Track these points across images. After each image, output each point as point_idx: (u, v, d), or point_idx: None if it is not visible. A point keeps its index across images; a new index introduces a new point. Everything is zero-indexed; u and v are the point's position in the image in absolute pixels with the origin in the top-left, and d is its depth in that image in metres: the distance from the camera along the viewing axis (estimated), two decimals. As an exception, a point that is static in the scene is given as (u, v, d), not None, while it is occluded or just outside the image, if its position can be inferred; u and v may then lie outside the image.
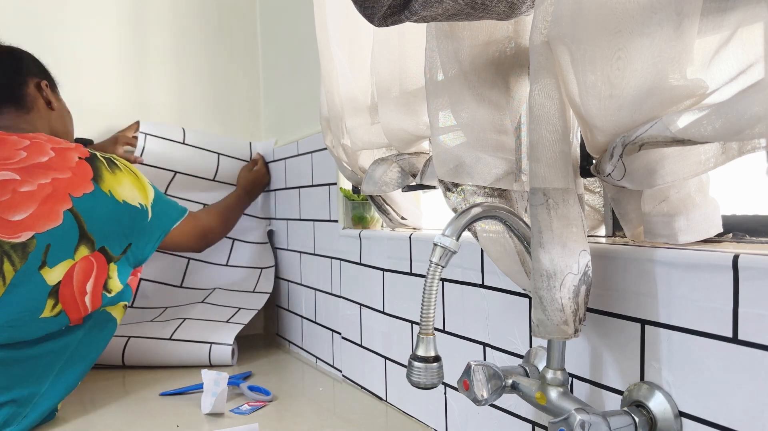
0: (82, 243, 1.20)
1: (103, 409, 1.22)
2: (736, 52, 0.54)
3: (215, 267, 1.74)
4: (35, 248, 1.15)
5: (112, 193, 1.26)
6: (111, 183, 1.27)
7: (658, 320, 0.63)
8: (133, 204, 1.28)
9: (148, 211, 1.32)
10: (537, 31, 0.61)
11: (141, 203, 1.30)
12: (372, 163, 1.10)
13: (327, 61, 1.16)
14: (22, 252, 1.14)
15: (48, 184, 1.20)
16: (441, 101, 0.80)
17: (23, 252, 1.14)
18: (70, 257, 1.18)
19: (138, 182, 1.33)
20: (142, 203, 1.31)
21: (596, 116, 0.59)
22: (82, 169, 1.25)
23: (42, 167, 1.22)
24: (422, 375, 0.64)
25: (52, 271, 1.15)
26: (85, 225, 1.21)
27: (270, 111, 1.86)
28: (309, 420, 1.12)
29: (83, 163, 1.26)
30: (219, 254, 1.75)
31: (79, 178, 1.23)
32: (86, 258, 1.21)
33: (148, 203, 1.32)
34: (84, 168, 1.26)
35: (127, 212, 1.27)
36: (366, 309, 1.23)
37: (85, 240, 1.20)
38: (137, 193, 1.31)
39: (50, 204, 1.18)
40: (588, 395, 0.72)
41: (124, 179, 1.30)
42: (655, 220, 0.64)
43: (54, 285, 1.16)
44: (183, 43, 1.83)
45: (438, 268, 0.63)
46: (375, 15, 0.65)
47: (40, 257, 1.15)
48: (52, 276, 1.15)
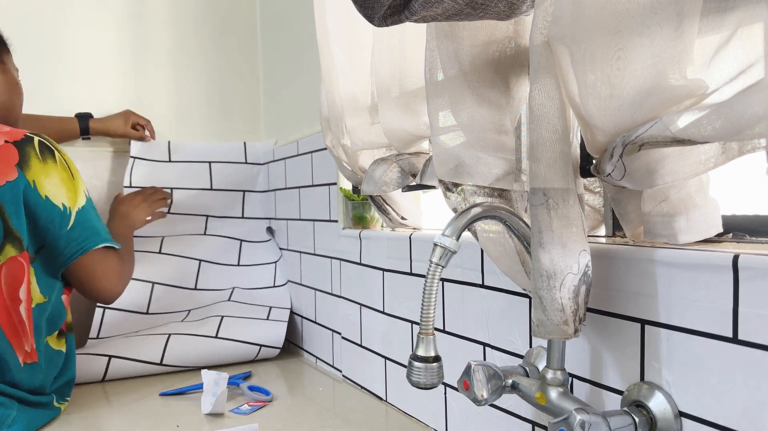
0: (8, 241, 1.05)
1: (103, 409, 1.22)
2: (736, 52, 0.54)
3: (227, 268, 1.74)
4: None
5: (36, 185, 1.09)
6: (37, 172, 1.10)
7: (658, 320, 0.63)
8: (55, 203, 1.11)
9: (70, 216, 1.13)
10: (537, 31, 0.61)
11: (65, 204, 1.13)
12: (372, 163, 1.10)
13: (327, 61, 1.16)
14: None
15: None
16: (441, 101, 0.80)
17: None
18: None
19: (70, 182, 1.15)
20: (66, 205, 1.13)
21: (596, 116, 0.59)
22: (5, 153, 1.09)
23: None
24: (422, 375, 0.64)
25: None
26: (8, 218, 1.06)
27: (270, 111, 1.86)
28: (309, 420, 1.12)
29: (9, 146, 1.10)
30: (229, 255, 1.75)
31: (2, 164, 1.08)
32: (14, 259, 1.06)
33: (73, 207, 1.14)
34: (8, 152, 1.10)
35: (46, 210, 1.10)
36: (366, 309, 1.23)
37: (11, 238, 1.06)
38: (64, 192, 1.13)
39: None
40: (588, 395, 0.72)
41: (53, 171, 1.12)
42: (655, 220, 0.64)
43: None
44: (183, 43, 1.83)
45: (438, 268, 0.63)
46: (375, 15, 0.65)
47: None
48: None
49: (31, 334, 1.11)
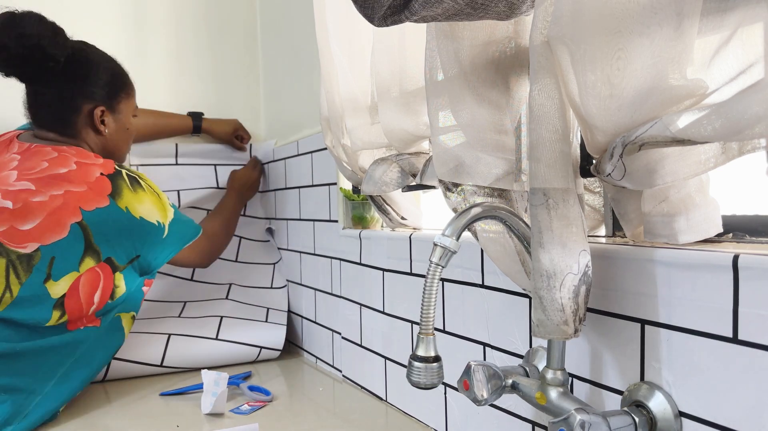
0: (87, 254, 1.20)
1: (103, 409, 1.22)
2: (736, 52, 0.54)
3: (225, 263, 1.75)
4: (39, 260, 1.15)
5: (129, 209, 1.25)
6: (130, 200, 1.26)
7: (658, 320, 0.63)
8: (150, 221, 1.28)
9: (164, 228, 1.31)
10: (537, 31, 0.61)
11: (159, 221, 1.30)
12: (372, 163, 1.10)
13: (327, 61, 1.16)
14: (27, 265, 1.14)
15: (59, 196, 1.19)
16: (441, 101, 0.80)
17: (28, 264, 1.14)
18: (75, 269, 1.18)
19: (159, 203, 1.32)
20: (160, 221, 1.31)
21: (596, 116, 0.59)
22: (99, 185, 1.24)
23: (58, 178, 1.22)
24: (422, 375, 0.64)
25: (56, 284, 1.16)
26: (92, 237, 1.20)
27: (270, 111, 1.86)
28: (309, 420, 1.12)
29: (103, 179, 1.25)
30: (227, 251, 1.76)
31: (94, 193, 1.23)
32: (92, 270, 1.21)
33: (166, 222, 1.32)
34: (102, 184, 1.25)
35: (141, 228, 1.27)
36: (366, 309, 1.23)
37: (90, 252, 1.20)
38: (157, 212, 1.30)
39: (58, 216, 1.18)
40: (588, 395, 0.72)
41: (145, 198, 1.29)
42: (655, 220, 0.64)
43: (59, 297, 1.16)
44: (183, 43, 1.83)
45: (438, 268, 0.63)
46: (375, 15, 0.65)
47: (44, 270, 1.15)
48: (57, 289, 1.16)
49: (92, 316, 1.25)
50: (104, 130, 1.37)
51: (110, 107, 1.38)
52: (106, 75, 1.38)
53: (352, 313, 1.29)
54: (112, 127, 1.39)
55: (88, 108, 1.35)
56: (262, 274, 1.74)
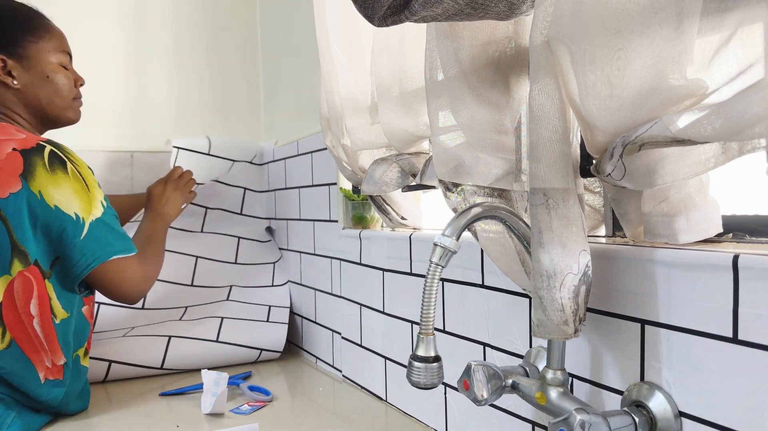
0: (15, 255, 1.05)
1: (103, 409, 1.22)
2: (736, 52, 0.54)
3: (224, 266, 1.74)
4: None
5: (43, 195, 1.06)
6: (44, 182, 1.06)
7: (658, 320, 0.63)
8: (66, 212, 1.07)
9: (84, 225, 1.09)
10: (537, 31, 0.61)
11: (78, 214, 1.09)
12: (372, 163, 1.10)
13: (327, 61, 1.16)
14: None
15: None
16: (441, 101, 0.80)
17: None
18: (6, 272, 1.04)
19: (84, 193, 1.11)
20: (79, 215, 1.09)
21: (596, 116, 0.59)
22: (11, 162, 1.05)
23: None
24: (422, 375, 0.64)
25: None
26: (13, 232, 1.04)
27: (270, 111, 1.86)
28: (309, 420, 1.12)
29: (15, 154, 1.06)
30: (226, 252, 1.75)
31: (6, 173, 1.05)
32: (21, 274, 1.05)
33: (87, 217, 1.10)
34: (14, 161, 1.06)
35: (56, 219, 1.07)
36: (366, 309, 1.23)
37: (17, 253, 1.05)
38: (77, 203, 1.09)
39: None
40: (588, 395, 0.72)
41: (64, 182, 1.08)
42: (655, 220, 0.64)
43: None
44: (183, 43, 1.83)
45: (438, 268, 0.63)
46: (375, 15, 0.65)
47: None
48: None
49: (53, 350, 1.10)
50: (13, 82, 1.17)
51: (13, 54, 1.17)
52: (3, 21, 1.19)
53: (352, 313, 1.29)
54: (24, 78, 1.18)
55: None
56: (262, 274, 1.73)
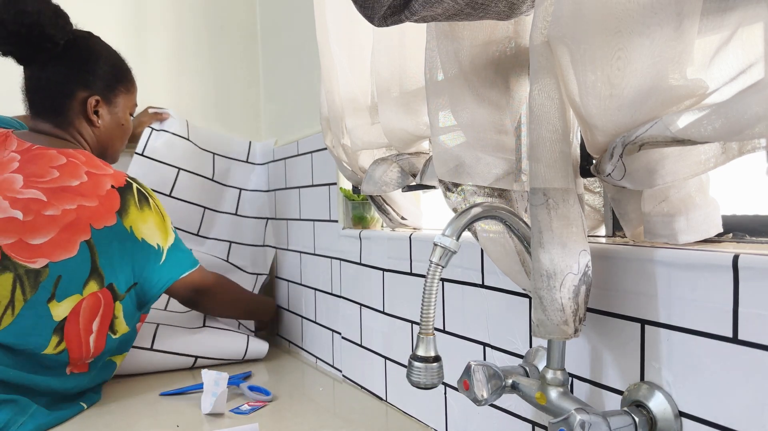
0: (92, 278, 1.16)
1: (103, 409, 1.22)
2: (736, 52, 0.54)
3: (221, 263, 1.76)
4: (47, 278, 1.12)
5: (133, 230, 1.21)
6: (135, 219, 1.22)
7: (658, 320, 0.63)
8: (151, 243, 1.24)
9: (163, 253, 1.26)
10: (537, 31, 0.61)
11: (159, 244, 1.26)
12: (372, 163, 1.10)
13: (327, 61, 1.16)
14: (34, 281, 1.11)
15: (72, 211, 1.16)
16: (441, 101, 0.80)
17: (35, 281, 1.11)
18: (78, 292, 1.15)
19: (162, 224, 1.28)
20: (160, 245, 1.26)
21: (596, 116, 0.59)
22: (110, 200, 1.21)
23: (71, 191, 1.18)
24: (422, 375, 0.64)
25: (59, 305, 1.13)
26: (97, 259, 1.17)
27: (270, 111, 1.86)
28: (309, 420, 1.12)
29: (114, 192, 1.22)
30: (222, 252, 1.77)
31: (105, 209, 1.19)
32: (94, 295, 1.17)
33: (165, 246, 1.27)
34: (112, 198, 1.21)
35: (142, 250, 1.23)
36: (366, 309, 1.23)
37: (95, 275, 1.17)
38: (158, 234, 1.26)
39: (70, 232, 1.15)
40: (588, 395, 0.72)
41: (150, 218, 1.25)
42: (655, 220, 0.64)
43: (60, 320, 1.13)
44: (183, 43, 1.83)
45: (438, 268, 0.63)
46: (375, 15, 0.65)
47: (50, 289, 1.12)
48: (59, 310, 1.13)
49: (94, 356, 1.21)
50: (97, 121, 1.33)
51: (106, 98, 1.34)
52: (106, 65, 1.34)
53: (352, 313, 1.29)
54: (106, 119, 1.35)
55: (82, 95, 1.31)
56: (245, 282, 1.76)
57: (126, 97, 1.39)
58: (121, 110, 1.38)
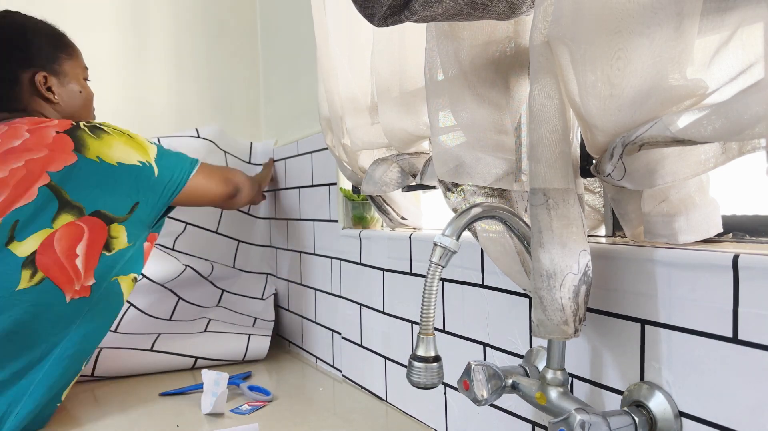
0: (63, 211, 1.15)
1: (103, 409, 1.22)
2: (736, 52, 0.54)
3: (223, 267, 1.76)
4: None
5: (102, 158, 1.18)
6: (98, 148, 1.19)
7: (658, 320, 0.63)
8: (131, 163, 1.21)
9: (152, 167, 1.23)
10: (537, 31, 0.61)
11: (141, 161, 1.22)
12: (372, 163, 1.10)
13: (326, 61, 1.16)
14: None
15: (21, 167, 1.14)
16: (441, 101, 0.80)
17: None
18: (47, 226, 1.13)
19: (133, 142, 1.24)
20: (142, 161, 1.22)
21: (596, 116, 0.59)
22: (60, 143, 1.17)
23: (15, 151, 1.16)
24: (422, 375, 0.64)
25: (22, 244, 1.12)
26: (67, 194, 1.15)
27: (270, 111, 1.86)
28: (309, 420, 1.12)
29: (62, 136, 1.18)
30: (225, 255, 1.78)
31: (57, 153, 1.16)
32: (71, 224, 1.15)
33: (150, 159, 1.24)
34: (63, 141, 1.17)
35: (125, 173, 1.20)
36: (366, 309, 1.23)
37: (67, 208, 1.15)
38: (133, 152, 1.22)
39: (24, 186, 1.13)
40: (588, 395, 0.72)
41: (113, 141, 1.21)
42: (655, 220, 0.64)
43: (27, 255, 1.12)
44: (183, 43, 1.83)
45: (438, 268, 0.63)
46: (375, 15, 0.65)
47: (5, 234, 1.11)
48: (23, 248, 1.12)
49: (87, 277, 1.18)
50: (54, 97, 1.28)
51: (52, 71, 1.29)
52: (38, 38, 1.28)
53: (352, 313, 1.29)
54: (62, 92, 1.30)
55: (27, 76, 1.26)
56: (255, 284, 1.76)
57: (71, 62, 1.33)
58: (71, 78, 1.32)
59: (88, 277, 1.18)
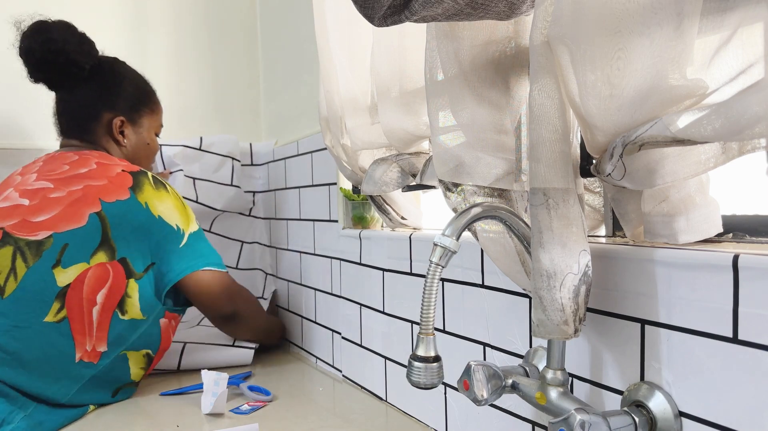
0: (101, 248, 1.16)
1: (102, 408, 1.22)
2: (736, 52, 0.54)
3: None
4: (51, 246, 1.13)
5: (149, 206, 1.22)
6: (150, 196, 1.23)
7: (658, 320, 0.63)
8: (169, 222, 1.24)
9: (184, 235, 1.26)
10: (537, 31, 0.61)
11: (179, 226, 1.26)
12: (372, 163, 1.10)
13: (327, 61, 1.16)
14: (36, 250, 1.12)
15: (78, 190, 1.19)
16: (441, 101, 0.80)
17: (37, 249, 1.12)
18: (85, 260, 1.15)
19: (182, 209, 1.28)
20: (180, 227, 1.26)
21: (596, 116, 0.59)
22: (121, 179, 1.23)
23: (79, 177, 1.22)
24: (422, 375, 0.64)
25: (65, 272, 1.13)
26: (109, 230, 1.17)
27: (270, 111, 1.86)
28: (309, 420, 1.12)
29: (125, 174, 1.24)
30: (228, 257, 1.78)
31: (115, 186, 1.21)
32: (102, 265, 1.16)
33: (186, 229, 1.27)
34: (124, 178, 1.23)
35: (159, 228, 1.23)
36: (366, 309, 1.23)
37: (105, 247, 1.17)
38: (177, 216, 1.26)
39: (77, 206, 1.17)
40: (588, 395, 0.72)
41: (167, 198, 1.26)
42: (655, 220, 0.64)
43: (63, 287, 1.13)
44: (183, 43, 1.83)
45: (438, 268, 0.63)
46: (375, 15, 0.65)
47: (55, 256, 1.13)
48: (64, 277, 1.13)
49: (99, 337, 1.17)
50: (123, 141, 1.38)
51: (131, 119, 1.40)
52: (130, 88, 1.40)
53: (352, 313, 1.29)
54: (132, 139, 1.40)
55: (108, 117, 1.36)
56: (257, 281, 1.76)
57: (150, 117, 1.44)
58: (145, 130, 1.43)
59: (101, 341, 1.17)
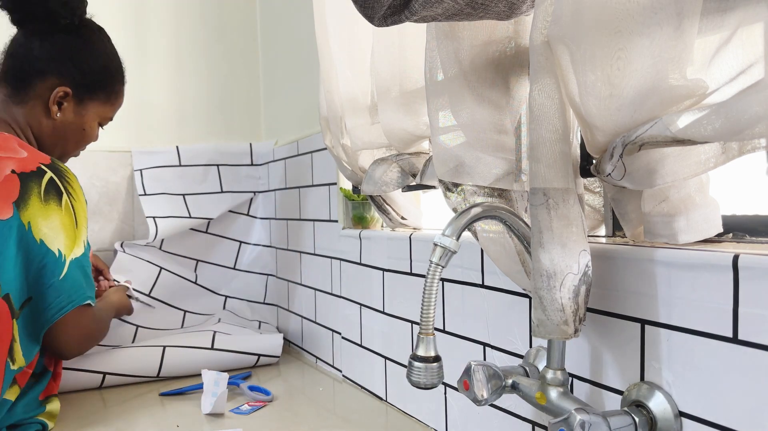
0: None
1: (103, 409, 1.22)
2: (736, 52, 0.54)
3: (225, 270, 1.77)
4: None
5: (31, 227, 0.99)
6: (35, 213, 1.00)
7: (658, 320, 0.63)
8: (50, 248, 1.01)
9: (65, 264, 1.03)
10: (537, 31, 0.61)
11: (60, 250, 1.02)
12: (372, 163, 1.10)
13: (327, 61, 1.16)
14: None
15: None
16: (441, 101, 0.80)
17: None
18: None
19: (71, 229, 1.05)
20: (61, 251, 1.02)
21: (596, 116, 0.59)
22: (7, 188, 1.00)
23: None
24: (422, 375, 0.64)
25: None
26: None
27: (270, 111, 1.86)
28: (309, 420, 1.12)
29: (13, 178, 1.01)
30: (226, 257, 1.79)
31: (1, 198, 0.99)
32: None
33: (68, 256, 1.03)
34: (11, 186, 1.00)
35: (40, 255, 1.00)
36: (366, 309, 1.23)
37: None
38: (62, 237, 1.03)
39: None
40: (588, 395, 0.72)
41: (54, 215, 1.03)
42: (655, 220, 0.64)
43: None
44: (183, 43, 1.83)
45: (438, 268, 0.63)
46: (375, 15, 0.65)
47: None
48: None
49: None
50: (55, 113, 1.17)
51: (77, 95, 1.20)
52: (95, 64, 1.22)
53: (352, 313, 1.29)
54: (67, 116, 1.19)
55: (53, 81, 1.17)
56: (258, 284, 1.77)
57: (102, 106, 1.24)
58: (89, 115, 1.22)
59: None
